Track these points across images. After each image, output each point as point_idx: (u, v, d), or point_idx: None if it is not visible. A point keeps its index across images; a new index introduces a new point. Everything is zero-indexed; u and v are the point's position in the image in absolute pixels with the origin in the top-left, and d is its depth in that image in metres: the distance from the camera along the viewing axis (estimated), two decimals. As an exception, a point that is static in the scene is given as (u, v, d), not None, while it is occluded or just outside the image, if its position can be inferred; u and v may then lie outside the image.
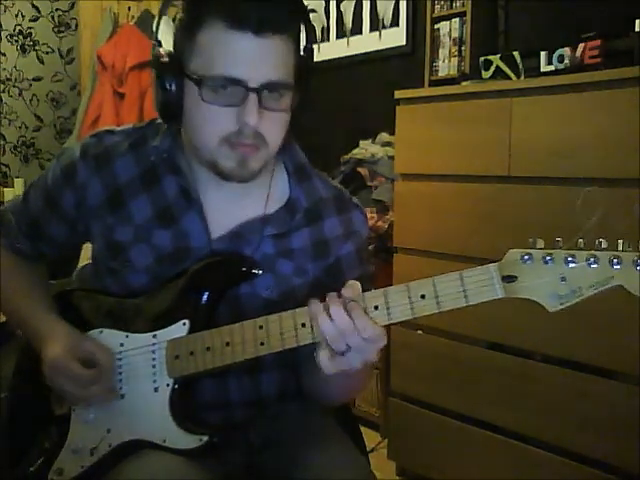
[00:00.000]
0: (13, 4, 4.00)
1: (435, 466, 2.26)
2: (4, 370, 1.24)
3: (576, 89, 1.82)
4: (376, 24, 3.19)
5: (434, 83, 2.83)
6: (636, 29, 1.82)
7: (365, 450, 1.26)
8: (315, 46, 1.06)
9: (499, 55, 2.17)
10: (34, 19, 4.08)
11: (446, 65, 2.82)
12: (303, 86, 1.02)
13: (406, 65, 3.05)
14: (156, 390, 1.04)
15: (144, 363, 1.05)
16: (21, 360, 1.20)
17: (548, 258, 0.85)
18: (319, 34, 3.39)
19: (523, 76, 2.08)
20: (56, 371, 1.04)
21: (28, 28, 4.06)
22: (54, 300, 1.18)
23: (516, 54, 2.09)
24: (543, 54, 2.00)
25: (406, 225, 2.30)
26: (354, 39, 3.29)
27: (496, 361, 2.05)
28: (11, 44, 4.03)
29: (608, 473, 1.77)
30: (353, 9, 3.29)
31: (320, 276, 1.12)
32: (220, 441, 1.03)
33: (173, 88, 1.00)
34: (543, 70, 2.00)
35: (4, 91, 4.02)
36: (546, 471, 1.92)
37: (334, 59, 3.31)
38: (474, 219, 2.07)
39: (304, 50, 1.04)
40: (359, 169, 2.85)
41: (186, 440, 1.02)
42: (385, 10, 3.14)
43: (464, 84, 2.24)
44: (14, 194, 3.88)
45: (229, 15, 0.94)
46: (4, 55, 4.01)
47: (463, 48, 2.74)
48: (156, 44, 1.03)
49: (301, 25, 1.02)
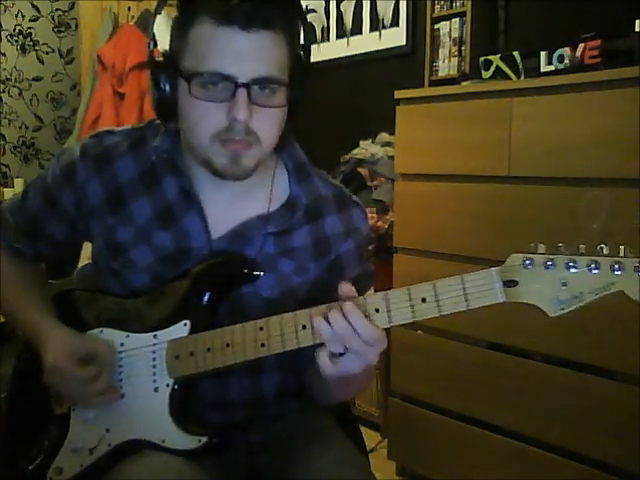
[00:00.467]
0: (13, 4, 4.00)
1: (435, 466, 2.26)
2: (4, 370, 1.24)
3: (576, 89, 1.82)
4: (376, 24, 3.19)
5: (434, 83, 2.83)
6: (636, 29, 1.82)
7: (365, 450, 1.26)
8: (315, 46, 1.06)
9: (499, 55, 2.17)
10: (34, 19, 4.08)
11: (446, 65, 2.82)
12: (298, 84, 1.02)
13: (406, 65, 3.05)
14: (156, 390, 1.04)
15: (144, 363, 1.05)
16: (21, 359, 1.19)
17: (549, 263, 0.85)
18: (319, 34, 3.39)
19: (523, 76, 2.08)
20: (55, 374, 1.04)
21: (28, 28, 4.06)
22: (54, 300, 1.18)
23: (516, 54, 2.09)
24: (543, 54, 2.00)
25: (406, 225, 2.30)
26: (354, 39, 3.29)
27: (496, 361, 2.05)
28: (11, 44, 4.03)
29: (608, 473, 1.77)
30: (353, 9, 3.29)
31: (321, 274, 1.12)
32: (219, 442, 1.03)
33: (167, 87, 1.01)
34: (543, 70, 2.00)
35: (4, 91, 4.02)
36: (546, 471, 1.92)
37: (334, 59, 3.31)
38: (474, 219, 2.07)
39: (299, 47, 1.03)
40: (359, 169, 2.85)
41: (185, 441, 1.02)
42: (385, 10, 3.14)
43: (464, 84, 2.24)
44: (14, 194, 3.88)
45: (218, 11, 0.95)
46: (4, 55, 4.01)
47: (463, 48, 2.74)
48: (151, 43, 1.04)
49: (295, 23, 1.02)
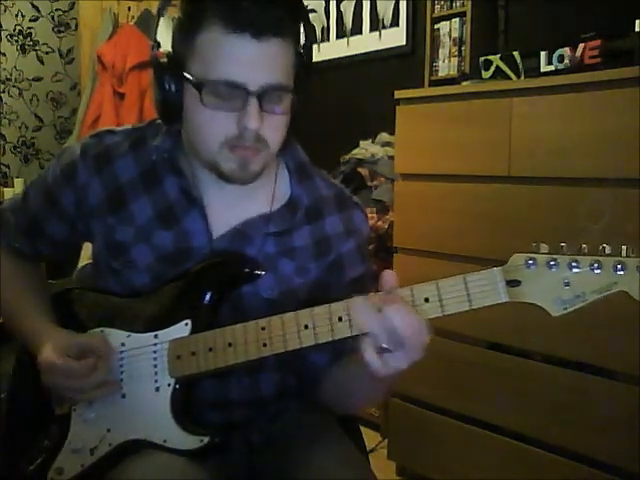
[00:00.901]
0: (13, 4, 4.00)
1: (435, 466, 2.26)
2: (4, 370, 1.24)
3: (576, 89, 1.82)
4: (376, 24, 3.19)
5: (434, 83, 2.83)
6: (636, 29, 1.82)
7: (365, 450, 1.26)
8: (315, 46, 1.06)
9: (499, 55, 2.17)
10: (34, 19, 4.08)
11: (446, 65, 2.82)
12: (302, 86, 1.02)
13: (406, 65, 3.05)
14: (157, 390, 1.04)
15: (145, 363, 1.05)
16: (21, 359, 1.19)
17: (552, 263, 0.85)
18: (319, 34, 3.39)
19: (523, 76, 2.08)
20: (50, 371, 1.04)
21: (28, 28, 4.07)
22: (54, 299, 1.18)
23: (516, 54, 2.09)
24: (543, 54, 2.00)
25: (406, 225, 2.30)
26: (354, 39, 3.29)
27: (496, 361, 2.05)
28: (11, 44, 4.03)
29: (608, 473, 1.77)
30: (353, 9, 3.29)
31: (321, 274, 1.11)
32: (221, 442, 1.03)
33: (173, 90, 1.00)
34: (543, 70, 2.00)
35: (4, 91, 4.02)
36: (546, 471, 1.92)
37: (334, 59, 3.31)
38: (474, 219, 2.07)
39: (302, 50, 1.03)
40: (359, 169, 2.85)
41: (187, 441, 1.01)
42: (385, 10, 3.14)
43: (464, 84, 2.24)
44: (14, 194, 3.89)
45: (227, 18, 0.93)
46: (4, 55, 4.01)
47: (463, 48, 2.74)
48: (155, 45, 1.03)
49: (300, 26, 1.02)
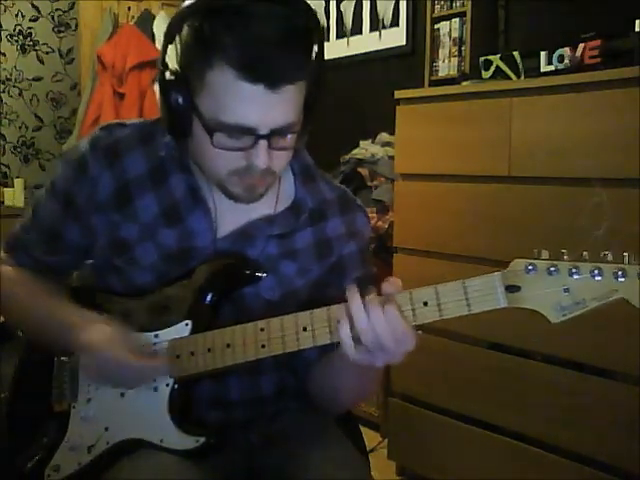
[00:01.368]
0: (13, 4, 4.00)
1: (435, 466, 2.26)
2: (4, 370, 1.24)
3: (576, 89, 1.82)
4: (376, 24, 3.19)
5: (434, 83, 2.84)
6: (636, 29, 1.82)
7: (365, 450, 1.26)
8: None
9: (499, 55, 2.17)
10: (34, 19, 4.08)
11: (446, 65, 2.82)
12: (312, 106, 1.01)
13: (406, 65, 3.05)
14: (155, 389, 1.04)
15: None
16: (23, 357, 1.19)
17: (552, 269, 0.84)
18: (319, 34, 3.39)
19: (523, 76, 2.08)
20: (119, 367, 1.01)
21: (28, 28, 4.07)
22: None
23: (516, 54, 2.09)
24: (543, 54, 2.00)
25: (406, 225, 2.30)
26: (354, 39, 3.29)
27: (496, 361, 2.05)
28: (11, 44, 4.03)
29: (608, 473, 1.77)
30: (353, 9, 3.29)
31: (322, 276, 1.11)
32: (218, 442, 1.03)
33: (181, 112, 0.97)
34: (543, 70, 2.00)
35: (4, 91, 4.03)
36: (546, 471, 1.92)
37: (334, 59, 3.30)
38: (474, 219, 2.07)
39: (315, 84, 1.00)
40: (359, 169, 2.86)
41: (183, 441, 1.02)
42: (385, 10, 3.14)
43: (464, 84, 2.24)
44: (14, 194, 3.89)
45: (241, 65, 0.90)
46: (4, 55, 4.01)
47: (463, 48, 2.75)
48: (163, 66, 0.98)
49: (315, 62, 0.98)
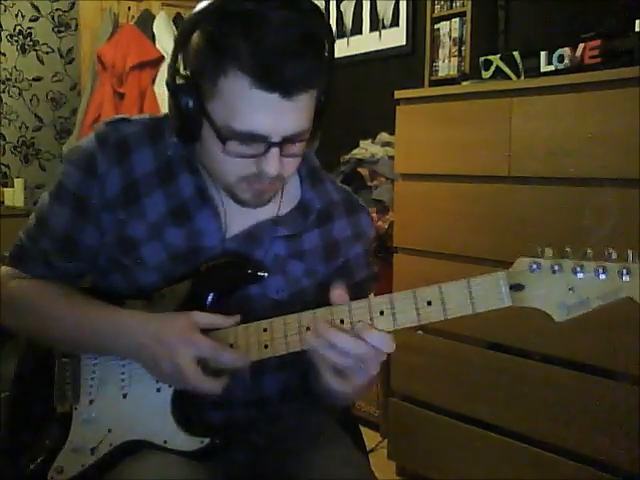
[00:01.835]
0: (13, 4, 4.00)
1: (435, 466, 2.26)
2: (4, 370, 1.24)
3: (576, 89, 1.82)
4: (376, 24, 3.19)
5: (434, 83, 2.84)
6: (636, 29, 1.82)
7: (365, 450, 1.26)
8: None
9: (499, 55, 2.18)
10: (34, 19, 4.08)
11: (446, 65, 2.82)
12: (322, 112, 1.01)
13: (406, 65, 3.05)
14: (158, 390, 1.04)
15: None
16: (24, 358, 1.19)
17: (556, 268, 0.84)
18: (319, 34, 3.39)
19: (523, 76, 2.08)
20: (185, 339, 0.98)
21: (28, 28, 4.06)
22: None
23: (516, 54, 2.09)
24: (543, 54, 2.00)
25: (406, 225, 2.30)
26: (354, 39, 3.29)
27: (496, 361, 2.05)
28: (11, 44, 4.03)
29: (608, 473, 1.77)
30: (353, 9, 3.29)
31: (328, 277, 1.11)
32: (221, 443, 1.02)
33: (191, 117, 0.96)
34: (543, 70, 2.00)
35: (4, 91, 4.02)
36: (546, 471, 1.92)
37: (334, 58, 3.30)
38: (474, 219, 2.07)
39: (326, 90, 1.00)
40: (359, 169, 2.86)
41: (187, 442, 1.01)
42: (385, 10, 3.14)
43: (464, 84, 2.24)
44: (14, 194, 3.89)
45: (255, 73, 0.89)
46: (4, 55, 4.01)
47: (463, 48, 2.75)
48: (174, 71, 0.96)
49: (327, 69, 0.98)
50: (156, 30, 3.62)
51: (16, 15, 4.02)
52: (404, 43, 3.06)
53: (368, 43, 3.22)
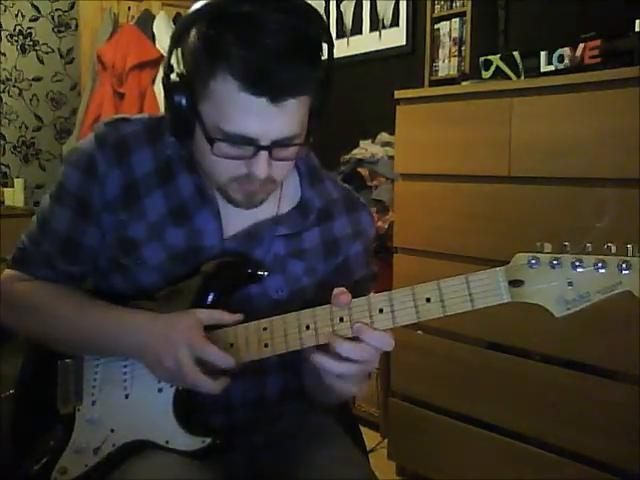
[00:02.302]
0: (13, 4, 4.00)
1: (435, 466, 2.26)
2: (4, 370, 1.24)
3: (576, 89, 1.82)
4: (376, 24, 3.19)
5: (434, 83, 2.84)
6: (636, 29, 1.82)
7: (365, 450, 1.26)
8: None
9: (499, 55, 2.18)
10: (34, 19, 4.08)
11: (446, 65, 2.83)
12: (318, 116, 1.00)
13: (406, 65, 3.05)
14: (160, 391, 1.04)
15: None
16: (28, 360, 1.18)
17: (555, 262, 0.83)
18: (319, 34, 3.39)
19: (523, 76, 2.08)
20: (191, 336, 0.98)
21: (28, 28, 4.07)
22: None
23: (516, 54, 2.09)
24: (543, 54, 2.00)
25: (406, 225, 2.30)
26: (354, 39, 3.29)
27: (496, 361, 2.05)
28: (11, 44, 4.03)
29: (608, 473, 1.77)
30: (353, 9, 3.29)
31: (328, 275, 1.12)
32: (222, 443, 1.02)
33: (184, 116, 0.97)
34: (543, 70, 2.00)
35: (4, 91, 4.02)
36: (546, 471, 1.92)
37: (334, 59, 3.30)
38: (474, 219, 2.07)
39: (322, 94, 0.99)
40: (359, 169, 2.85)
41: (189, 442, 1.02)
42: (385, 10, 3.14)
43: (464, 84, 2.24)
44: (14, 194, 3.89)
45: (244, 77, 0.89)
46: (4, 55, 4.01)
47: (463, 48, 2.75)
48: (168, 69, 0.97)
49: (323, 75, 0.98)
50: (156, 30, 3.62)
51: (16, 15, 4.02)
52: (404, 43, 3.06)
53: (368, 43, 3.22)
